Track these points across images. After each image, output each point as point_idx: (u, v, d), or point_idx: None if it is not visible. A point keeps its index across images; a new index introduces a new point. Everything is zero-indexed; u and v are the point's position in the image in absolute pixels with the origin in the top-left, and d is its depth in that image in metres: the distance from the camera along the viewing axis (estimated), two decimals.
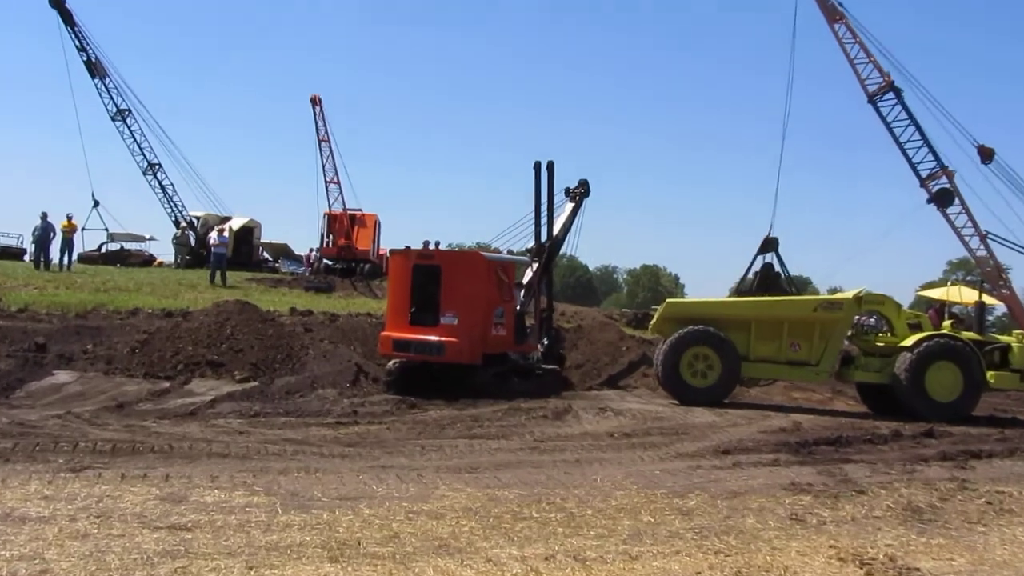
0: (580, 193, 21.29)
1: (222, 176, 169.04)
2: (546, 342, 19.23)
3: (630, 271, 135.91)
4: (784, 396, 19.47)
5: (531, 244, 19.79)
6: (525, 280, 19.35)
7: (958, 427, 15.37)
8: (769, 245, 23.13)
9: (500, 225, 34.73)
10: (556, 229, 20.50)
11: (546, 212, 19.64)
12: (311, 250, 48.95)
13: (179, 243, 43.74)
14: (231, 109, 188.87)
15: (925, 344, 16.93)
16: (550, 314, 20.07)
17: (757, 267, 25.21)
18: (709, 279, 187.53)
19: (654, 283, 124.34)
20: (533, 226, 19.43)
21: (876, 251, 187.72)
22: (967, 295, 22.66)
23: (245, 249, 46.38)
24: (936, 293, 24.29)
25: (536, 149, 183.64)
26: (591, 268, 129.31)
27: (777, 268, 24.50)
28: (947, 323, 18.97)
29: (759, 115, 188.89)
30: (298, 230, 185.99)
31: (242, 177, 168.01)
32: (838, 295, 19.34)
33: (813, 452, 12.31)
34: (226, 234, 36.21)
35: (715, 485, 9.87)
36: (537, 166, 19.50)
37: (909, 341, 17.10)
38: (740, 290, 25.58)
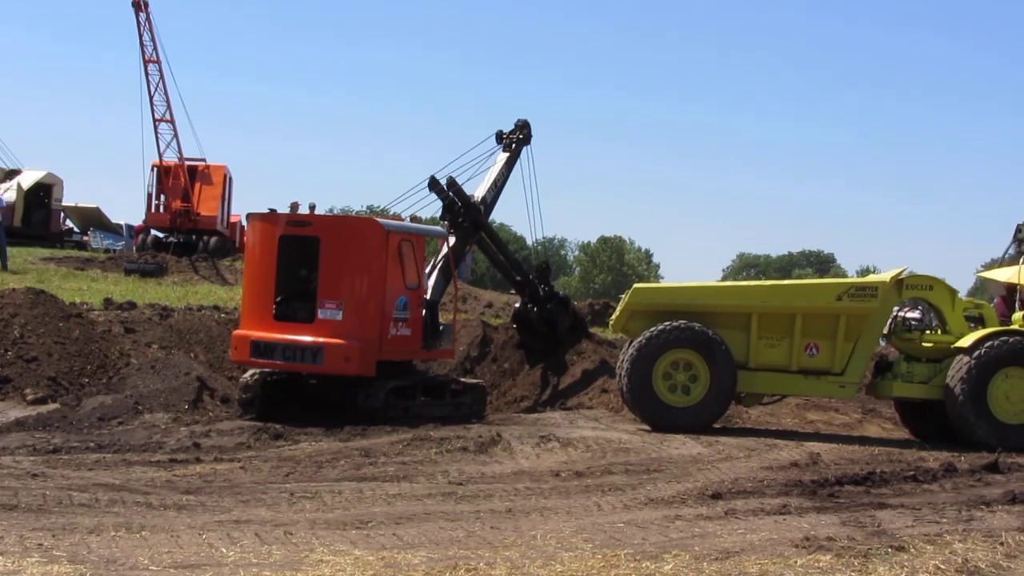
0: (517, 139, 21.34)
1: (9, 123, 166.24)
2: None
3: (583, 245, 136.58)
4: (797, 418, 19.74)
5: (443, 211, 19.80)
6: (438, 260, 19.38)
7: None
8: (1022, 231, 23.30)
9: (397, 188, 34.90)
10: (484, 189, 20.55)
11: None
12: (143, 222, 48.58)
13: None
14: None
15: (989, 345, 17.20)
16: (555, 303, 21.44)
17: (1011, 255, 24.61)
18: (693, 260, 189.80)
19: (616, 263, 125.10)
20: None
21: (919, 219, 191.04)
22: None
23: (40, 215, 45.90)
24: (1005, 274, 24.53)
25: (454, 98, 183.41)
26: (529, 242, 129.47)
27: None
28: (1020, 315, 19.21)
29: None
30: (115, 190, 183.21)
31: (36, 120, 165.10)
32: (870, 278, 19.58)
33: (835, 495, 12.48)
34: (5, 196, 35.82)
35: (700, 542, 9.97)
36: (433, 185, 19.39)
37: (967, 341, 17.36)
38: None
